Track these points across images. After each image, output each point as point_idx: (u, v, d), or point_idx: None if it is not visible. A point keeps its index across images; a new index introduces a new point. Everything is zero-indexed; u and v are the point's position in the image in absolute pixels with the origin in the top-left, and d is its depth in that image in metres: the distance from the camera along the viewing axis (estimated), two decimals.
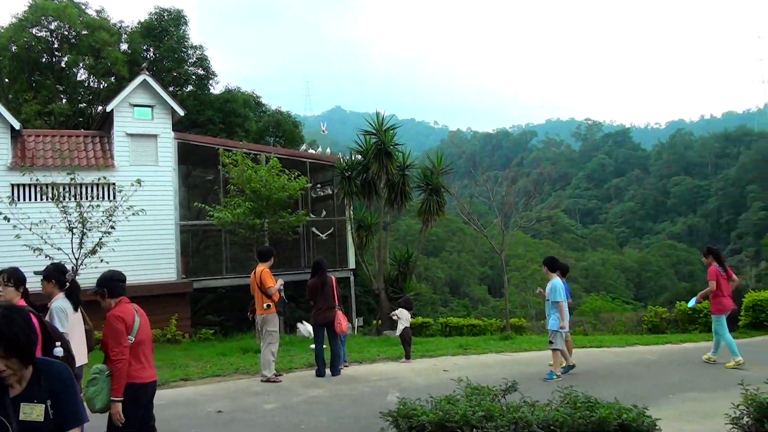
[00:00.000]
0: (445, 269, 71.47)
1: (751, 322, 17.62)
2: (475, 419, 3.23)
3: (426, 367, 12.24)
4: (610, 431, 3.20)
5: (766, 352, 13.58)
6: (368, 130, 21.99)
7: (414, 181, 22.84)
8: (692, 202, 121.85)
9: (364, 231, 22.70)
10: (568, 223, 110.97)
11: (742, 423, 4.09)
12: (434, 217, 22.57)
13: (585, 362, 12.25)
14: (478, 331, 21.58)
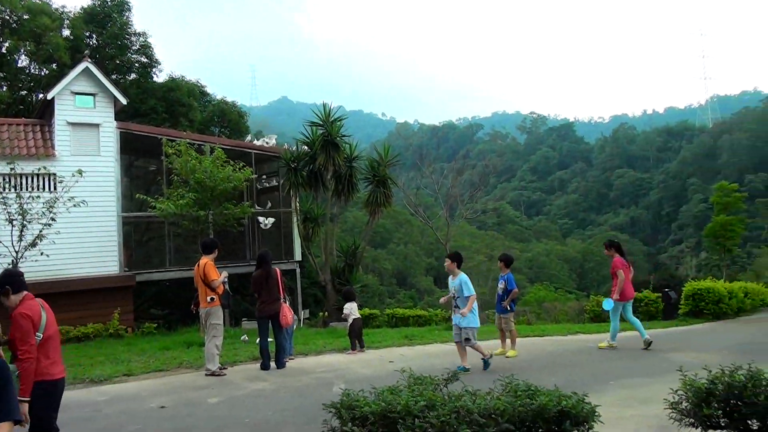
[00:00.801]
0: (392, 260, 71.71)
1: (691, 310, 18.22)
2: (417, 409, 3.25)
3: (372, 358, 12.28)
4: (550, 418, 3.26)
5: (705, 339, 14.03)
6: (315, 121, 21.82)
7: (361, 173, 22.79)
8: (634, 194, 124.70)
9: (310, 223, 22.58)
10: (513, 215, 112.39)
11: (680, 408, 4.21)
12: (381, 208, 22.58)
13: (528, 351, 12.47)
14: (423, 321, 21.74)
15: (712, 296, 18.24)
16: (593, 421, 3.41)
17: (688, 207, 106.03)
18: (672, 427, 4.29)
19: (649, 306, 19.49)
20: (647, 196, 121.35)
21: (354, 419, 3.44)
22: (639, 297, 19.76)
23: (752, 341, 13.30)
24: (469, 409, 3.19)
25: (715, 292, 18.32)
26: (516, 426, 3.18)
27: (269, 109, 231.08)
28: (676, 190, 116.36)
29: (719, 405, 4.04)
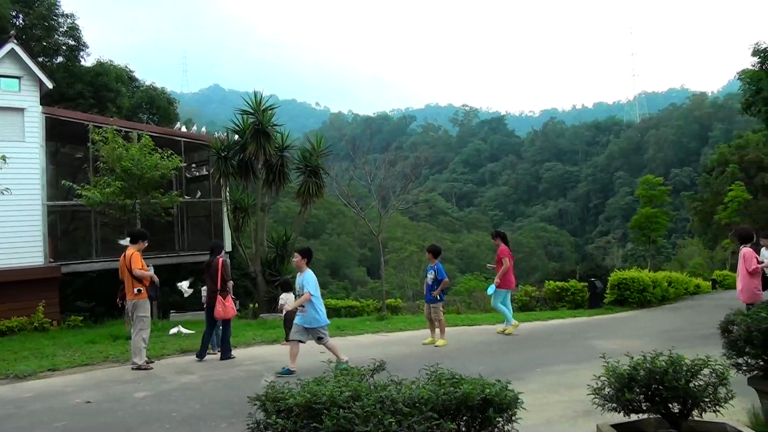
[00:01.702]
0: (325, 251, 71.57)
1: (617, 299, 18.71)
2: (342, 399, 3.21)
3: (301, 350, 12.11)
4: (474, 406, 3.27)
5: (629, 327, 14.42)
6: (246, 110, 21.53)
7: (293, 163, 22.62)
8: (563, 186, 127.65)
9: (240, 213, 22.30)
10: (444, 206, 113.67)
11: (603, 393, 4.29)
12: (313, 199, 22.46)
13: (457, 340, 12.59)
14: (355, 312, 21.78)
15: (636, 285, 18.80)
16: (516, 408, 3.45)
17: (615, 199, 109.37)
18: (596, 412, 4.37)
19: (576, 295, 19.95)
20: (575, 188, 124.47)
21: (279, 411, 3.38)
22: (566, 286, 20.26)
23: (674, 328, 13.74)
24: (394, 399, 3.17)
25: (639, 282, 18.89)
26: (440, 414, 3.18)
27: (200, 96, 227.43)
28: (603, 183, 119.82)
29: (641, 390, 4.14)
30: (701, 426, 4.48)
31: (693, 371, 4.17)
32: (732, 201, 41.09)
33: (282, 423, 3.27)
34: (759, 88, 22.51)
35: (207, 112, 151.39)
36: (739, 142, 52.21)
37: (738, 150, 50.74)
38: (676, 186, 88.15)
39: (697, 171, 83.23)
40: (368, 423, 3.07)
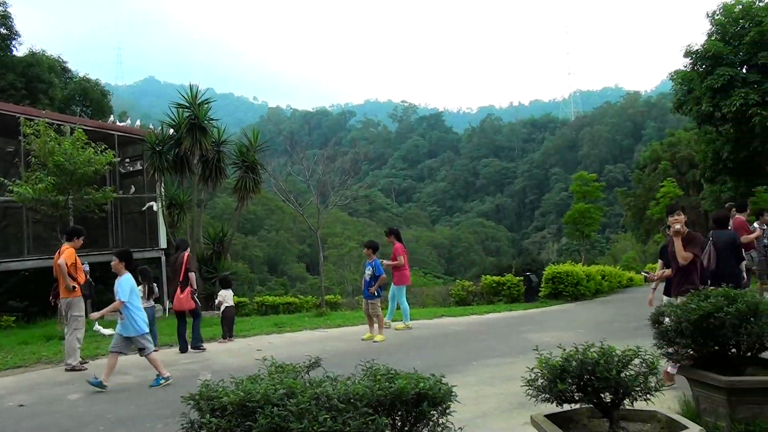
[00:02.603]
0: (263, 247, 70.95)
1: (551, 293, 19.08)
2: (277, 397, 3.18)
3: (239, 348, 12.08)
4: (408, 400, 3.27)
5: (563, 319, 14.71)
6: (181, 103, 21.13)
7: (230, 158, 22.35)
8: (500, 182, 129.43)
9: (176, 209, 21.92)
10: (384, 202, 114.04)
11: (536, 384, 4.36)
12: (250, 194, 22.23)
13: (395, 335, 12.65)
14: (294, 308, 21.65)
15: (570, 279, 19.19)
16: (450, 401, 3.47)
17: (551, 195, 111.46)
18: (530, 404, 4.44)
19: (512, 289, 20.23)
20: (512, 184, 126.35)
21: (213, 410, 3.32)
22: (502, 281, 20.54)
23: (607, 320, 14.07)
24: (329, 395, 3.15)
25: (573, 275, 19.29)
26: (375, 409, 3.18)
27: (135, 89, 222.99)
28: (539, 179, 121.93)
29: (573, 380, 4.21)
30: (632, 414, 4.59)
31: (624, 362, 4.26)
32: (664, 197, 42.26)
33: (216, 422, 3.21)
34: (690, 88, 23.20)
35: (142, 105, 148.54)
36: (671, 140, 53.74)
37: (670, 147, 52.23)
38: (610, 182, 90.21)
39: (630, 168, 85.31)
40: (303, 420, 3.04)
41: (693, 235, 7.53)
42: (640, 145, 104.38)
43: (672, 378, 7.04)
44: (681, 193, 44.50)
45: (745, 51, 21.81)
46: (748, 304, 5.34)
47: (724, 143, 24.83)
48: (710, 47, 22.11)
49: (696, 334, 5.36)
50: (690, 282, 7.25)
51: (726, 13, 23.20)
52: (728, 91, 21.17)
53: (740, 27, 22.54)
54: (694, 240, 7.45)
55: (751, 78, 21.36)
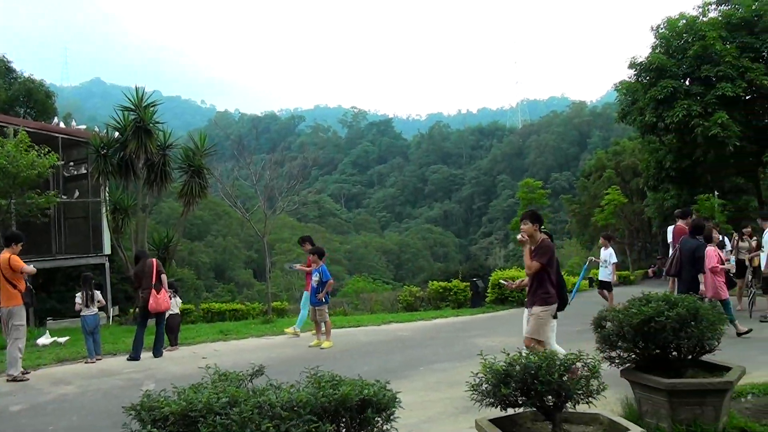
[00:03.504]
0: (210, 253, 69.96)
1: (497, 298, 19.26)
2: (219, 406, 3.13)
3: (184, 356, 11.89)
4: (352, 407, 3.26)
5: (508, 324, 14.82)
6: (127, 106, 20.74)
7: (176, 162, 22.02)
8: (448, 189, 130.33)
9: (120, 214, 21.49)
10: (333, 207, 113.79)
11: (481, 389, 4.39)
12: (196, 199, 21.95)
13: (344, 341, 12.60)
14: (240, 315, 21.40)
15: None
16: (394, 407, 3.46)
17: (498, 202, 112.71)
18: (475, 408, 4.47)
19: (459, 295, 20.36)
20: (460, 191, 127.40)
21: (155, 421, 3.25)
22: (449, 286, 20.67)
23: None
24: (272, 403, 3.12)
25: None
26: (319, 416, 3.15)
27: (81, 90, 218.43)
28: (486, 185, 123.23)
29: (516, 385, 4.26)
30: (575, 417, 4.67)
31: (566, 365, 4.32)
32: (608, 204, 42.98)
33: None
34: (634, 98, 23.72)
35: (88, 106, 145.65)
36: (615, 149, 54.77)
37: (615, 156, 53.21)
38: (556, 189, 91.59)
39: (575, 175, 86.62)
40: (245, 429, 3.00)
41: (544, 243, 7.31)
42: (585, 153, 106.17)
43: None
44: (625, 201, 45.34)
45: (689, 64, 22.37)
46: (689, 308, 5.48)
47: (667, 153, 25.44)
48: (654, 60, 22.63)
49: (638, 337, 5.48)
50: (544, 291, 7.14)
51: (670, 28, 23.80)
52: (671, 102, 21.68)
53: (684, 41, 23.13)
54: (544, 249, 7.24)
55: (694, 90, 21.91)
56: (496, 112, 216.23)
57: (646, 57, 23.36)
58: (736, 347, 9.58)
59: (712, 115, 20.87)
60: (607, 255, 15.52)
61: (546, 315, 7.07)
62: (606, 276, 15.50)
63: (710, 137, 21.03)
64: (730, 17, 22.69)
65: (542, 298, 7.09)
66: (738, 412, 6.04)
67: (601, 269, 15.74)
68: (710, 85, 21.48)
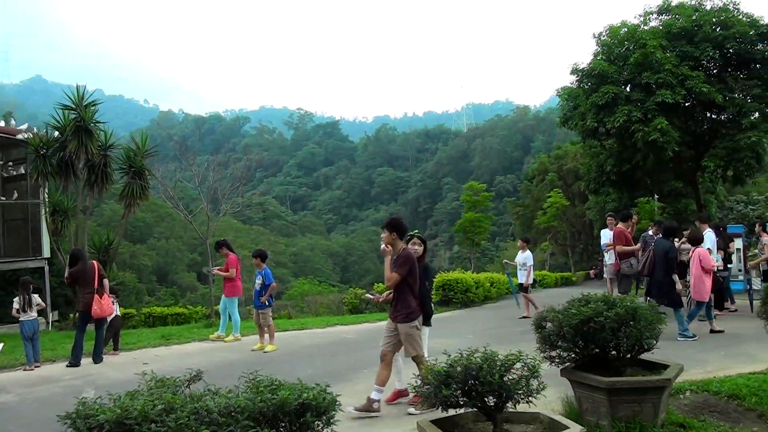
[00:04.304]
0: (152, 256, 68.73)
1: (442, 299, 19.39)
2: (155, 413, 3.06)
3: (125, 361, 11.64)
4: (291, 411, 3.24)
5: (452, 326, 14.95)
6: (67, 105, 20.21)
7: (117, 163, 21.55)
8: (394, 191, 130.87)
9: (60, 216, 20.95)
10: (278, 210, 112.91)
11: (422, 390, 4.40)
12: (137, 201, 21.50)
13: (287, 345, 12.52)
14: (183, 319, 21.10)
15: (460, 286, 19.59)
16: (334, 410, 3.45)
17: (443, 204, 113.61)
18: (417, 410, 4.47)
19: None
20: (406, 193, 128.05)
21: (90, 429, 3.18)
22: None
23: (494, 326, 14.43)
24: (209, 409, 3.07)
25: (463, 283, 19.69)
26: (258, 422, 3.12)
27: (22, 88, 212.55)
28: (432, 188, 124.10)
29: (458, 386, 4.29)
30: (516, 416, 4.72)
31: (506, 366, 4.37)
32: (551, 206, 43.77)
33: None
34: (576, 104, 24.05)
35: (29, 104, 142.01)
36: (558, 153, 55.84)
37: (557, 160, 54.26)
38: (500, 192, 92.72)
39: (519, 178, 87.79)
40: None
41: (403, 254, 7.03)
42: (529, 157, 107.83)
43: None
44: (567, 204, 46.25)
45: (630, 71, 22.78)
46: (627, 308, 5.59)
47: (607, 157, 25.87)
48: (596, 66, 22.99)
49: (577, 337, 5.57)
50: (405, 306, 6.96)
51: (612, 35, 24.22)
52: (612, 107, 22.05)
53: (625, 48, 23.54)
54: (403, 259, 6.97)
55: (635, 96, 22.31)
56: (442, 116, 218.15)
57: (588, 63, 23.72)
58: (675, 346, 9.84)
59: (652, 120, 21.28)
60: (525, 258, 15.77)
61: (413, 330, 6.99)
62: (523, 278, 15.75)
63: (650, 142, 21.44)
64: (671, 27, 23.20)
65: (404, 314, 6.95)
66: (676, 409, 6.20)
67: (519, 272, 15.94)
68: (650, 91, 21.89)
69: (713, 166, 22.80)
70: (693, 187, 27.16)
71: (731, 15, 22.50)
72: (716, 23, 22.62)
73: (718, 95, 21.51)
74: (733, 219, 35.13)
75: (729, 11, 22.74)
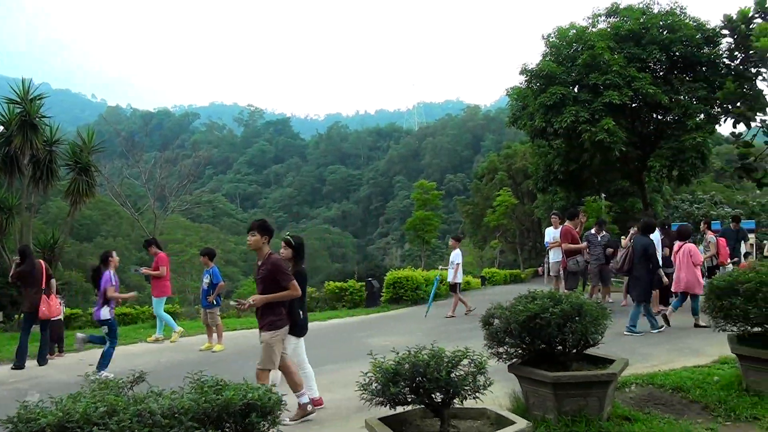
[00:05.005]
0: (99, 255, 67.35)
1: (392, 297, 19.47)
2: (97, 416, 3.01)
3: (71, 363, 11.39)
4: (236, 411, 3.21)
5: (402, 323, 14.99)
6: (12, 98, 19.66)
7: (63, 159, 21.07)
8: (346, 189, 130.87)
9: (4, 213, 20.38)
10: (228, 207, 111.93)
11: (370, 388, 4.40)
12: (84, 198, 21.04)
13: (236, 344, 12.41)
14: (129, 320, 20.74)
15: (410, 284, 19.67)
16: (280, 410, 3.43)
17: (395, 202, 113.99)
18: (366, 408, 4.48)
19: (354, 295, 20.46)
20: (358, 191, 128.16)
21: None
22: (345, 286, 20.72)
23: (443, 323, 14.53)
24: (152, 411, 3.02)
25: (413, 280, 19.78)
26: (202, 423, 3.08)
27: None
28: (384, 186, 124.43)
29: (405, 383, 4.31)
30: (463, 413, 4.77)
31: (453, 362, 4.40)
32: (500, 205, 44.30)
33: None
34: (525, 104, 24.37)
35: None
36: (507, 152, 56.48)
37: (506, 159, 54.90)
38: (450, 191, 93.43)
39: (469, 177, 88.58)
40: None
41: (270, 259, 6.62)
42: (479, 156, 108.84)
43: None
44: (516, 202, 46.83)
45: (577, 72, 23.15)
46: (573, 304, 5.69)
47: (555, 156, 26.27)
48: (544, 67, 23.32)
49: (524, 333, 5.65)
50: (273, 313, 6.56)
51: (560, 36, 24.60)
52: (560, 108, 22.39)
53: (573, 50, 23.93)
54: (278, 267, 6.60)
55: (582, 97, 22.69)
56: (394, 114, 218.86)
57: (537, 64, 24.04)
58: (622, 341, 10.05)
59: (599, 121, 21.68)
60: (454, 256, 15.81)
61: (276, 341, 6.50)
62: (451, 277, 15.80)
63: (597, 142, 21.85)
64: (619, 29, 23.66)
65: (271, 322, 6.50)
66: (622, 402, 6.33)
67: (449, 271, 16.00)
68: (598, 92, 22.30)
69: (659, 166, 23.34)
70: (639, 186, 27.74)
71: (678, 18, 23.04)
72: (663, 26, 23.15)
73: (665, 97, 22.02)
74: (678, 218, 36.07)
75: (676, 15, 23.27)
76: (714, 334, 7.18)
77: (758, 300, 6.23)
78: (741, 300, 6.39)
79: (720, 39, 21.59)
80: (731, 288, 6.57)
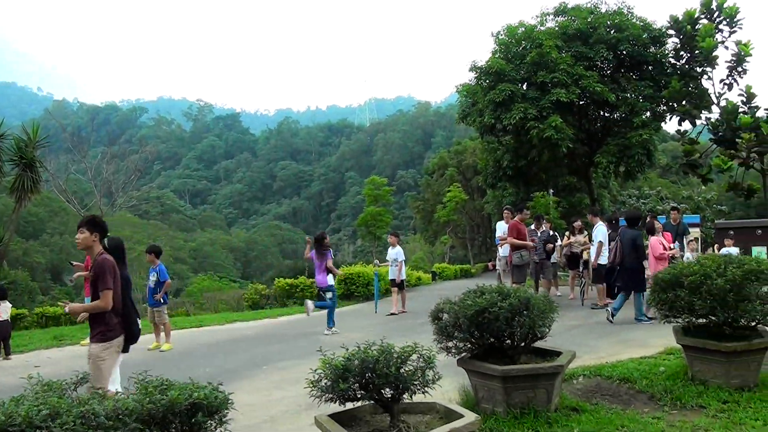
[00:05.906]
0: (46, 253, 65.71)
1: (344, 293, 19.38)
2: (40, 419, 2.94)
3: (16, 365, 11.09)
4: (181, 411, 3.17)
5: (353, 320, 15.00)
6: None
7: (7, 154, 20.51)
8: (297, 185, 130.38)
9: None
10: (177, 204, 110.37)
11: (320, 385, 4.40)
12: (29, 195, 20.56)
13: (185, 343, 12.25)
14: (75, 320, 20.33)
15: (362, 280, 19.70)
16: (227, 409, 3.41)
17: (346, 198, 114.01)
18: (316, 405, 4.47)
19: (305, 291, 20.38)
20: (309, 187, 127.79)
21: None
22: (296, 283, 20.64)
23: (395, 318, 14.60)
24: (96, 413, 2.96)
25: (364, 276, 19.79)
26: (147, 424, 3.04)
27: None
28: (335, 182, 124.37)
29: (355, 379, 4.31)
30: (412, 407, 4.79)
31: (402, 358, 4.41)
32: (450, 201, 44.56)
33: None
34: (474, 100, 24.60)
35: None
36: (457, 148, 56.88)
37: (456, 155, 55.28)
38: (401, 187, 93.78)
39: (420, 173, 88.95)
40: None
41: (100, 260, 5.84)
42: (429, 152, 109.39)
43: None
44: (466, 198, 47.17)
45: (526, 70, 23.46)
46: (520, 298, 5.76)
47: (504, 152, 26.59)
48: (493, 64, 23.57)
49: (473, 327, 5.69)
50: (103, 323, 5.64)
51: (509, 34, 24.89)
52: (509, 105, 22.66)
53: (522, 48, 24.25)
54: (99, 268, 5.76)
55: (531, 94, 23.00)
56: (345, 110, 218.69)
57: (486, 61, 24.30)
58: (570, 333, 10.23)
59: (547, 118, 22.03)
60: (396, 254, 15.81)
61: (108, 354, 5.59)
62: (394, 274, 15.81)
63: (545, 139, 22.19)
64: (567, 28, 24.06)
65: (101, 333, 5.59)
66: (570, 393, 6.44)
67: (391, 269, 15.99)
68: (546, 90, 22.65)
69: (606, 162, 23.82)
70: (586, 182, 28.25)
71: (625, 18, 23.51)
72: (611, 26, 23.60)
73: (611, 95, 22.47)
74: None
75: (623, 15, 23.75)
76: (659, 326, 7.33)
77: (702, 292, 6.39)
78: (686, 292, 6.56)
79: (666, 39, 22.12)
80: (676, 281, 6.75)
